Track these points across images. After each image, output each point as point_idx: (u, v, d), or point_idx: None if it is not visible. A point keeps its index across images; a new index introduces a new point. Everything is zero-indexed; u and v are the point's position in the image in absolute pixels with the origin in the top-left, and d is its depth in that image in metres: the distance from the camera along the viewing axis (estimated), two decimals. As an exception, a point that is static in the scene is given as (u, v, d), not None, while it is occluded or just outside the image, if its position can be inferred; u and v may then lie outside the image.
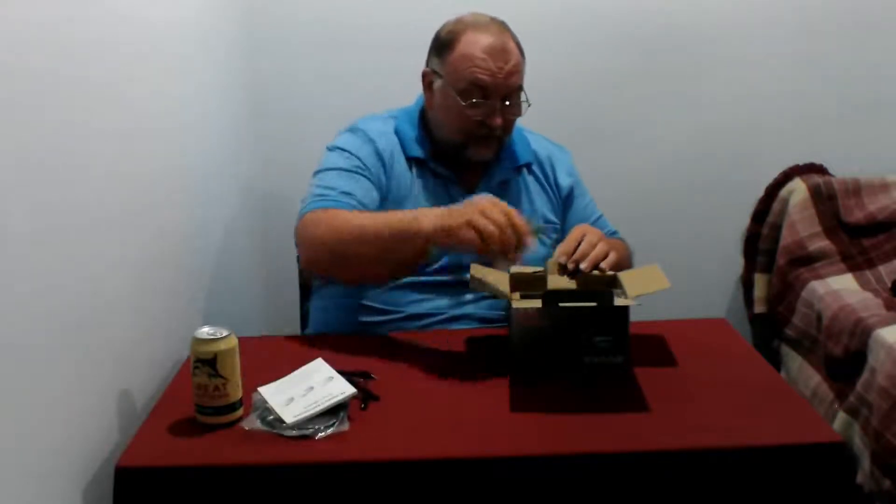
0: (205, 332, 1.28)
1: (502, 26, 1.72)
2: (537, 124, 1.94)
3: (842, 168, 2.53)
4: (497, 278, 1.53)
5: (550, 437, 1.25)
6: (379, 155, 1.73)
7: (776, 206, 2.51)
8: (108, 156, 1.33)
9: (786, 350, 2.40)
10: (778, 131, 2.55)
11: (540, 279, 1.53)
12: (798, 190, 2.47)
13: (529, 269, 1.58)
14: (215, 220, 2.01)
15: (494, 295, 1.54)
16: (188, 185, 1.79)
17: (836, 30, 2.49)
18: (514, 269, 1.59)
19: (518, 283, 1.54)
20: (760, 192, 2.55)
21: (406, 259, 1.54)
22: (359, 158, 1.71)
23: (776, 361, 2.42)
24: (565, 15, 2.44)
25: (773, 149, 2.55)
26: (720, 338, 1.62)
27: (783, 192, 2.51)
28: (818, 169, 2.55)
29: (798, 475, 1.21)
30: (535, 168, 1.85)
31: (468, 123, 1.69)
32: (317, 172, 1.73)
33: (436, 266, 1.69)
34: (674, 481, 1.21)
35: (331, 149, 1.76)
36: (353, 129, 1.78)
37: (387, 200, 1.71)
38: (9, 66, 1.03)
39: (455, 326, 1.68)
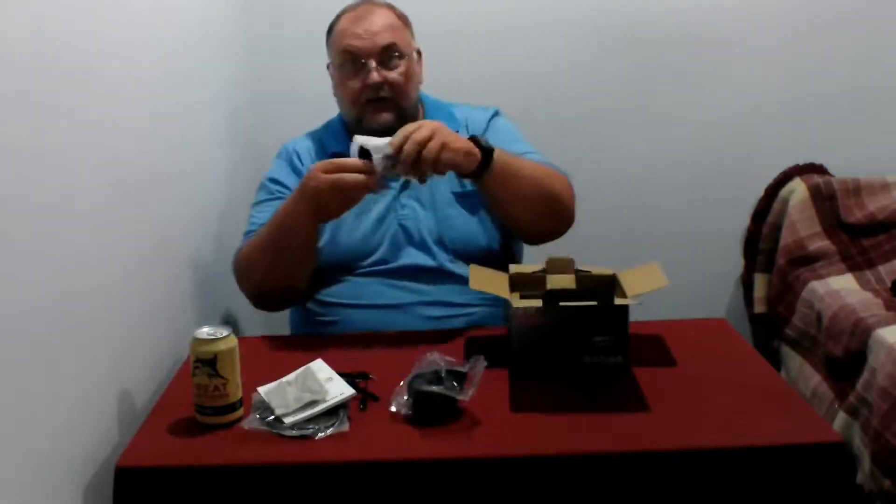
0: (205, 332, 1.28)
1: (375, 2, 1.78)
2: (536, 124, 1.94)
3: (842, 168, 2.53)
4: (497, 278, 1.53)
5: (550, 437, 1.24)
6: (294, 167, 1.80)
7: (776, 206, 2.51)
8: (106, 155, 1.33)
9: (786, 350, 2.40)
10: (778, 131, 2.54)
11: (540, 279, 1.54)
12: (798, 190, 2.46)
13: (529, 269, 1.59)
14: (215, 219, 2.00)
15: (494, 294, 1.54)
16: (187, 185, 1.79)
17: (836, 29, 2.49)
18: (514, 269, 1.59)
19: (518, 282, 1.54)
20: (760, 192, 2.55)
21: (300, 236, 1.60)
22: (279, 182, 1.80)
23: (776, 361, 2.42)
24: (564, 13, 2.43)
25: (773, 149, 2.54)
26: (720, 338, 1.62)
27: (783, 192, 2.51)
28: (818, 169, 2.55)
29: (798, 475, 1.21)
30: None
31: (353, 93, 1.74)
32: (252, 206, 1.82)
33: (378, 258, 1.72)
34: (674, 481, 1.21)
35: (261, 183, 1.84)
36: (278, 154, 1.87)
37: None
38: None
39: (424, 311, 1.68)
